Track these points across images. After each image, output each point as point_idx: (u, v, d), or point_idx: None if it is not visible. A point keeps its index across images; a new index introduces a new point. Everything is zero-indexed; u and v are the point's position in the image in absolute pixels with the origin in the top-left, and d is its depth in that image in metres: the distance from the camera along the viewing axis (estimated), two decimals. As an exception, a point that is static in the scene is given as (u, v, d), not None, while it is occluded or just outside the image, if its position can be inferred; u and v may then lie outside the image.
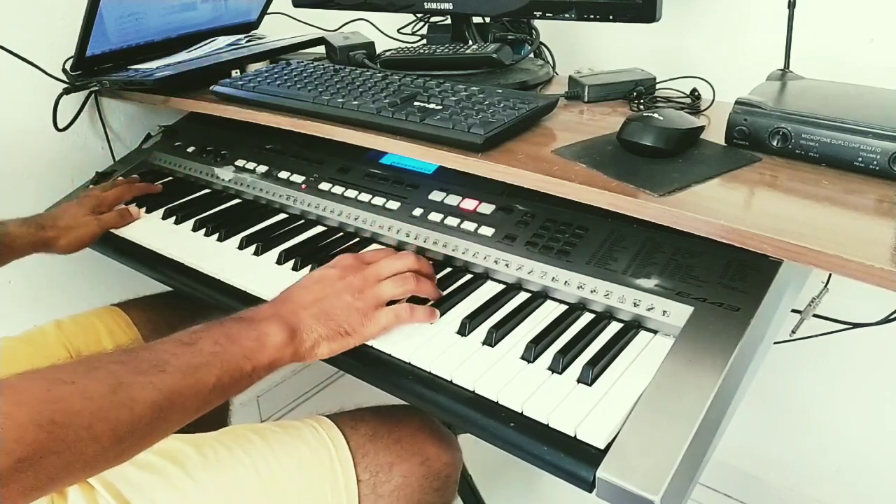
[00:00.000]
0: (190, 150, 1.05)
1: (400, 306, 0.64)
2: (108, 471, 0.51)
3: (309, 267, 0.76)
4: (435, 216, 0.77)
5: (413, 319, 0.64)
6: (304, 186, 0.89)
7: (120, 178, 1.02)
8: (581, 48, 1.17)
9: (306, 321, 0.61)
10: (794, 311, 0.76)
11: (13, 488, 0.42)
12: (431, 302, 0.68)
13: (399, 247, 0.78)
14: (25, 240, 0.86)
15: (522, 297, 0.68)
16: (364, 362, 0.63)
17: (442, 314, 0.66)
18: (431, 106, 0.76)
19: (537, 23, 1.04)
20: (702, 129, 0.71)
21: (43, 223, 0.88)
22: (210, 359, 0.55)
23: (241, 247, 0.82)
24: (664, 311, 0.60)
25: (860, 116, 0.62)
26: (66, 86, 1.02)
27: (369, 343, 0.64)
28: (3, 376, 0.44)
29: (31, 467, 0.42)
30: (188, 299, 0.90)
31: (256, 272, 0.77)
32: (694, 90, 0.85)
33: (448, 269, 0.74)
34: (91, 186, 1.03)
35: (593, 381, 0.56)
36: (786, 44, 0.77)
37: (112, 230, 0.91)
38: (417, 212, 0.79)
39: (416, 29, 1.23)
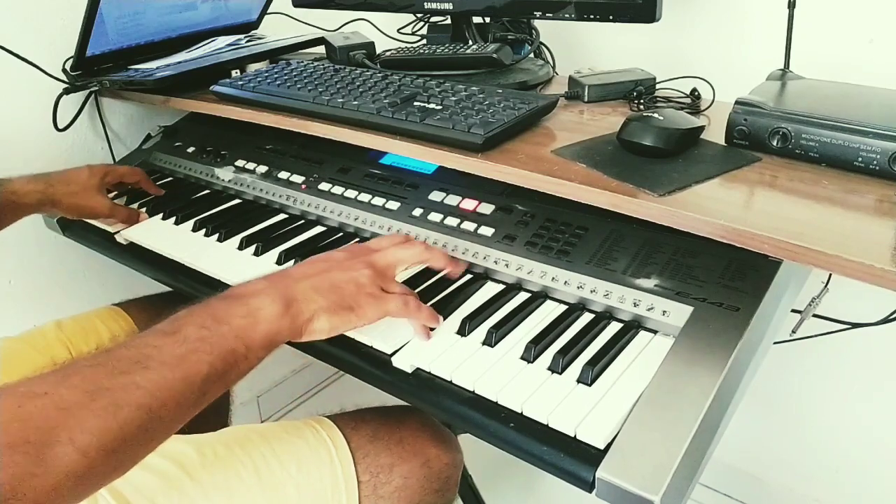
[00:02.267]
0: (190, 150, 1.05)
1: (410, 297, 0.61)
2: None
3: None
4: (435, 216, 0.77)
5: (419, 315, 0.61)
6: (304, 186, 0.89)
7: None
8: (581, 48, 1.17)
9: (305, 291, 0.57)
10: (794, 311, 0.76)
11: None
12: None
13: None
14: (33, 197, 0.85)
15: (522, 297, 0.68)
16: (364, 362, 0.63)
17: (441, 314, 0.66)
18: (431, 106, 0.76)
19: (537, 23, 1.04)
20: (702, 129, 0.71)
21: (52, 181, 0.88)
22: (197, 345, 0.49)
23: (241, 247, 0.82)
24: (664, 311, 0.60)
25: (860, 116, 0.62)
26: (66, 86, 1.02)
27: (369, 343, 0.63)
28: (2, 378, 0.42)
29: (15, 495, 0.38)
30: (188, 299, 0.89)
31: (256, 272, 0.76)
32: (694, 90, 0.85)
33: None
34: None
35: (593, 381, 0.56)
36: (786, 44, 0.77)
37: (112, 231, 0.91)
38: (417, 212, 0.79)
39: (416, 29, 1.23)
